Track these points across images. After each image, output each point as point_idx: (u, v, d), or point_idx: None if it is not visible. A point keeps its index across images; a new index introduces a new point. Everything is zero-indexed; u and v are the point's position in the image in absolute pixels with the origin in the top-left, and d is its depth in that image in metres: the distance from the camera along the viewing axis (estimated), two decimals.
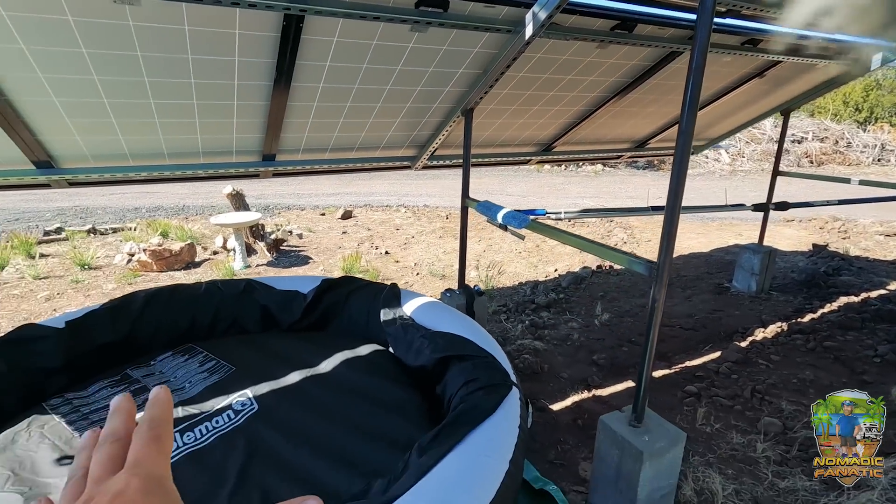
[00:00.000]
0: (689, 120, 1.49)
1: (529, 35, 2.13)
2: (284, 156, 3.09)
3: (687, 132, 1.50)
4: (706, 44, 1.42)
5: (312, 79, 2.38)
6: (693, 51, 1.44)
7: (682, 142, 1.51)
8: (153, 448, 0.31)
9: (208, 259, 5.44)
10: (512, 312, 3.92)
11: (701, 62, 1.44)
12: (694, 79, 1.45)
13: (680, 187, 1.56)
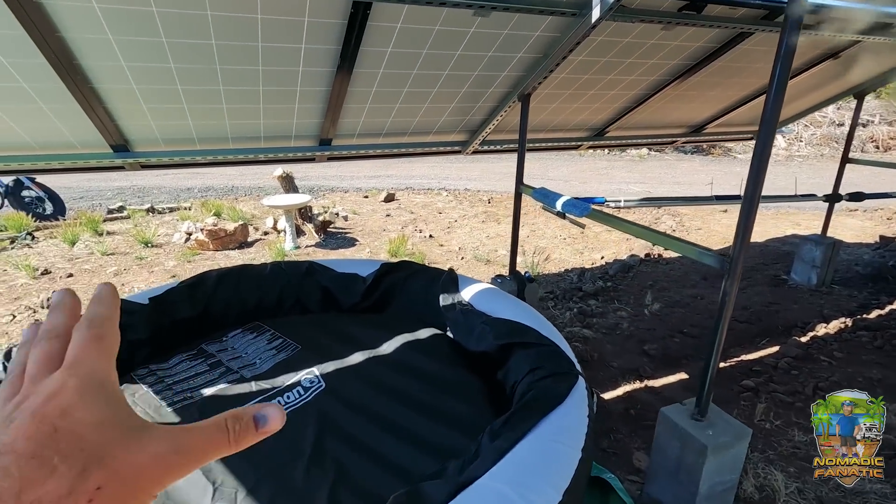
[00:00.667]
0: (775, 107, 1.43)
1: (596, 18, 2.08)
2: (340, 140, 3.15)
3: (771, 120, 1.44)
4: (798, 23, 1.35)
5: (374, 65, 2.41)
6: (783, 32, 1.37)
7: (766, 130, 1.46)
8: (93, 347, 0.29)
9: (260, 239, 5.64)
10: (559, 300, 3.91)
11: (792, 45, 1.37)
12: (782, 63, 1.39)
13: (760, 178, 1.51)
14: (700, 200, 2.67)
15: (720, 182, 10.54)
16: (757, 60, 3.32)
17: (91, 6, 1.70)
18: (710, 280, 4.46)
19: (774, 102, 1.42)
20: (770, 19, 2.72)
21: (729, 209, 7.50)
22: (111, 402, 0.28)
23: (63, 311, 0.32)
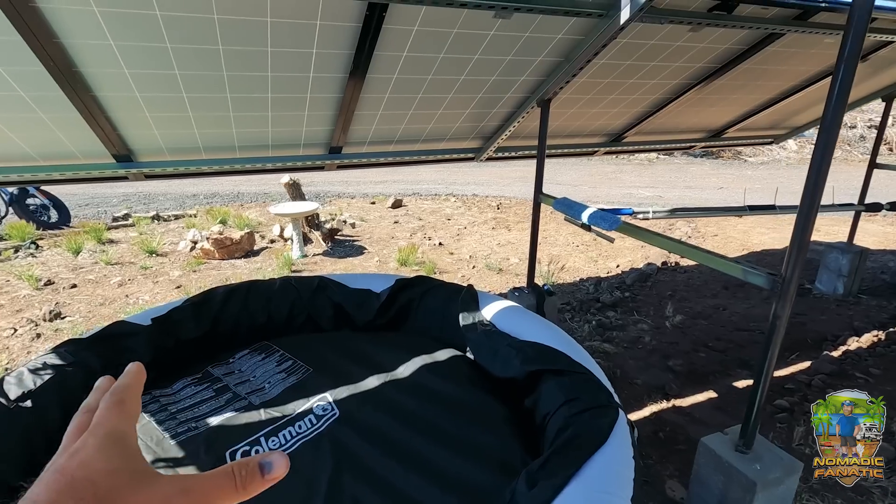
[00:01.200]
0: (836, 114, 1.30)
1: (625, 19, 1.96)
2: (350, 148, 3.04)
3: (832, 128, 1.31)
4: (865, 24, 1.22)
5: (388, 70, 2.29)
6: (846, 36, 1.24)
7: (824, 140, 1.32)
8: (114, 411, 0.32)
9: (266, 247, 5.54)
10: (576, 311, 3.77)
11: (856, 48, 1.24)
12: (846, 67, 1.26)
13: (818, 190, 1.37)
14: (732, 210, 2.54)
15: (731, 186, 10.37)
16: (783, 62, 3.18)
17: (91, 10, 1.60)
18: (731, 290, 4.31)
19: (836, 109, 1.29)
20: (803, 19, 2.59)
21: (743, 216, 7.33)
22: (126, 455, 0.30)
23: (98, 392, 0.35)
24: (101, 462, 0.29)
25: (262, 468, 0.32)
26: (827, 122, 1.31)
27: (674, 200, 8.71)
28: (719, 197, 9.06)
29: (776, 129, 4.62)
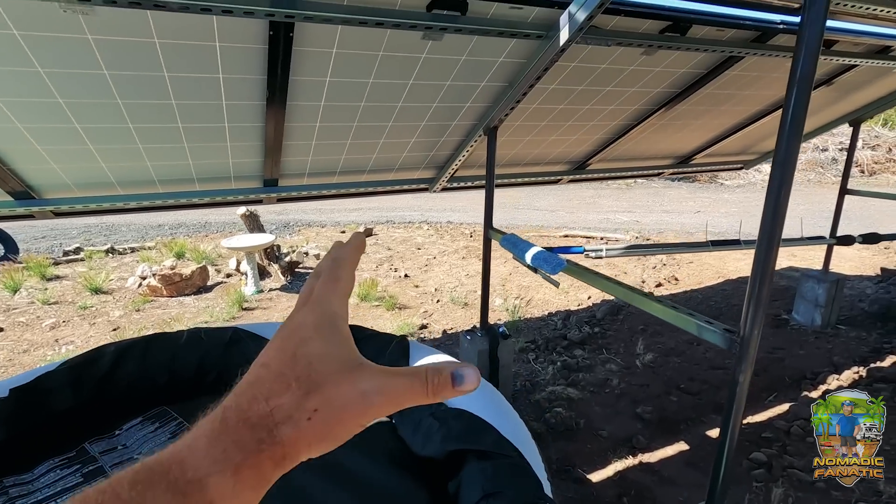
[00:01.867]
0: (791, 146, 1.10)
1: (565, 41, 1.77)
2: (288, 180, 2.80)
3: (787, 162, 1.10)
4: (816, 49, 1.03)
5: (312, 97, 2.08)
6: (797, 60, 1.04)
7: (780, 174, 1.12)
8: (330, 287, 0.35)
9: (221, 283, 5.23)
10: (541, 350, 3.52)
11: (808, 71, 1.04)
12: (797, 95, 1.06)
13: (775, 235, 1.16)
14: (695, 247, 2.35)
15: (708, 210, 10.34)
16: (747, 87, 3.05)
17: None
18: None
19: (790, 141, 1.09)
20: (762, 41, 2.45)
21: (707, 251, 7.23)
22: (338, 339, 0.32)
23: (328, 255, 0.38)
24: (318, 344, 0.31)
25: (454, 379, 0.31)
26: (780, 155, 1.10)
27: (651, 225, 8.60)
28: (696, 221, 8.98)
29: (746, 155, 4.51)
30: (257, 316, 4.29)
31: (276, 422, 0.28)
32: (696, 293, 4.84)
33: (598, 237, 7.26)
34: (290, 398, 0.29)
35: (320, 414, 0.29)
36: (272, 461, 0.28)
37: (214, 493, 0.26)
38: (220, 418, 0.29)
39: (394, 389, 0.31)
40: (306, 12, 1.51)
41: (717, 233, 7.78)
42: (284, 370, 0.30)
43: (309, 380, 0.29)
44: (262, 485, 0.28)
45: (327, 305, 0.33)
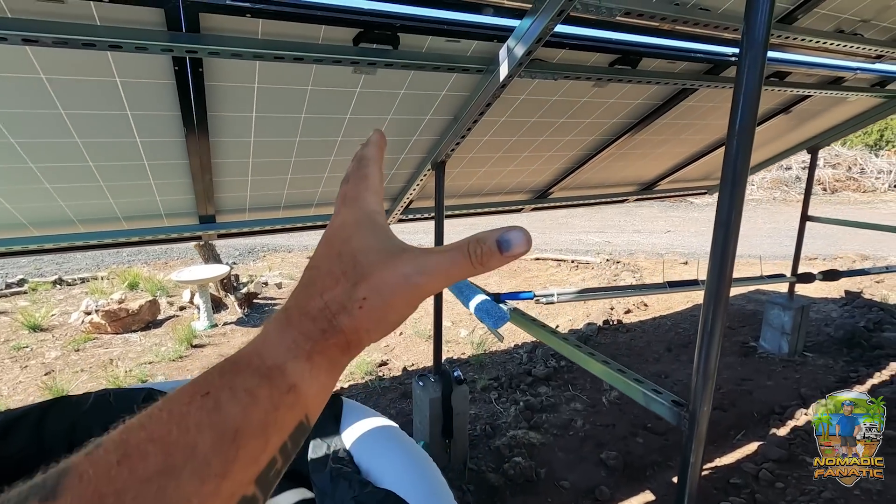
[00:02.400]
0: (735, 200, 0.98)
1: (504, 76, 1.66)
2: (227, 216, 2.62)
3: (730, 224, 0.98)
4: (756, 92, 0.92)
5: (239, 133, 1.92)
6: (737, 105, 0.93)
7: (723, 237, 0.99)
8: (362, 186, 0.37)
9: (173, 316, 4.94)
10: (504, 389, 3.35)
11: (749, 118, 0.93)
12: (739, 144, 0.94)
13: (721, 294, 1.03)
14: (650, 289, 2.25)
15: (678, 229, 10.44)
16: (704, 117, 3.01)
17: None
18: (674, 351, 4.01)
19: (734, 192, 0.97)
20: (714, 73, 2.40)
21: (689, 261, 7.24)
22: (376, 231, 0.34)
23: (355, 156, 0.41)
24: (359, 239, 0.33)
25: (500, 245, 0.30)
26: (723, 216, 0.98)
27: (622, 246, 8.60)
28: (666, 241, 9.02)
29: (709, 181, 4.50)
30: (207, 354, 4.03)
31: (332, 313, 0.31)
32: (665, 319, 4.76)
33: (570, 260, 7.20)
34: (340, 291, 0.31)
35: (370, 301, 0.31)
36: (338, 347, 0.31)
37: (293, 375, 0.29)
38: (285, 317, 0.31)
39: (435, 267, 0.31)
40: (211, 47, 1.36)
41: (686, 253, 7.80)
42: (332, 268, 0.32)
43: (355, 272, 0.31)
44: (334, 368, 0.31)
45: (363, 202, 0.35)
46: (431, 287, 0.31)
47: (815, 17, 2.06)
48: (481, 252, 0.30)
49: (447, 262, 0.31)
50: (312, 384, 0.29)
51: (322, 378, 0.30)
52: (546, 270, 6.83)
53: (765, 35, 0.89)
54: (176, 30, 1.33)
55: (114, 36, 1.25)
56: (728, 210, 0.98)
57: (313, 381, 0.29)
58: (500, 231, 0.30)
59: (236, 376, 0.28)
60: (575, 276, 6.45)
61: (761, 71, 0.92)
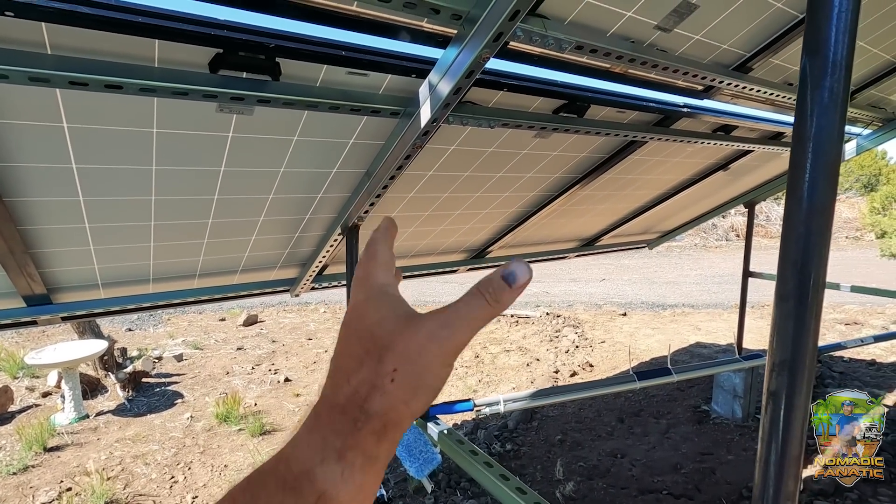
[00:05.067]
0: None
1: (427, 120, 1.25)
2: (70, 295, 2.00)
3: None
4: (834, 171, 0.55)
5: (55, 191, 1.36)
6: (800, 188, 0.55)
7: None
8: (371, 264, 0.36)
9: (31, 407, 3.96)
10: (443, 487, 2.80)
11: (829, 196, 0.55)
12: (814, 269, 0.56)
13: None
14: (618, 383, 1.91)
15: (612, 277, 10.54)
16: (648, 171, 2.79)
17: None
18: (627, 422, 3.66)
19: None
20: (665, 125, 2.16)
21: (629, 312, 7.14)
22: (390, 302, 0.33)
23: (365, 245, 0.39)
24: (373, 314, 0.33)
25: (506, 280, 0.31)
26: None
27: (560, 296, 8.44)
28: (602, 290, 9.00)
29: (648, 234, 4.36)
30: (66, 460, 3.15)
31: (363, 397, 0.29)
32: None
33: (510, 315, 6.86)
34: (367, 370, 0.30)
35: (401, 370, 0.30)
36: (374, 435, 0.29)
37: (323, 482, 0.28)
38: (314, 414, 0.30)
39: (457, 318, 0.31)
40: None
41: (623, 304, 7.73)
42: (353, 350, 0.32)
43: (377, 346, 0.31)
44: (371, 464, 0.29)
45: (372, 279, 0.35)
46: (460, 338, 0.31)
47: (769, 67, 1.87)
48: (493, 290, 0.31)
49: (466, 309, 0.31)
50: (346, 487, 0.28)
51: (357, 478, 0.28)
52: (486, 328, 6.43)
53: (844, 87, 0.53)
54: None
55: None
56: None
57: (346, 483, 0.28)
58: (503, 268, 0.31)
59: (261, 491, 0.28)
60: (515, 333, 6.09)
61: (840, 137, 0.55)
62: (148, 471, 3.00)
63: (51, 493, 2.79)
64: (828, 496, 2.67)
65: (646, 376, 1.98)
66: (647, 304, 7.65)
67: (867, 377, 4.37)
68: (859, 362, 4.78)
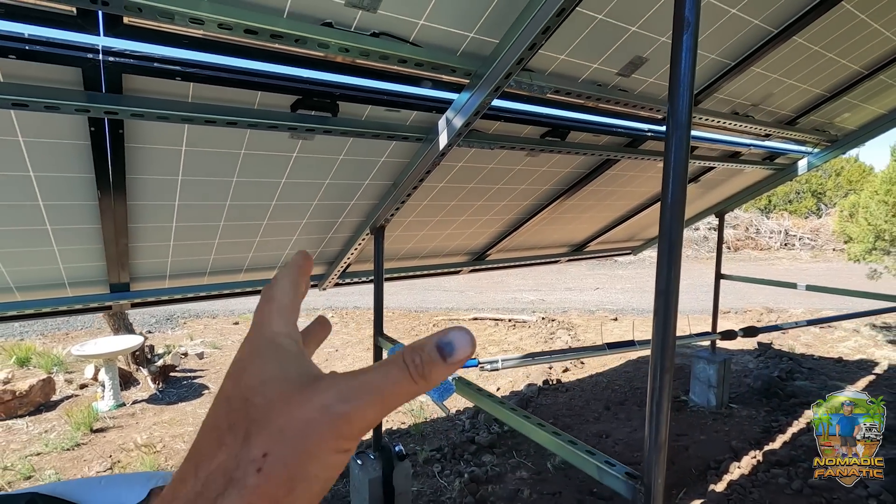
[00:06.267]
0: (672, 270, 1.01)
1: (444, 145, 1.69)
2: (143, 284, 2.39)
3: (669, 293, 1.01)
4: (684, 166, 0.98)
5: (161, 196, 1.79)
6: (667, 183, 0.99)
7: (664, 305, 1.02)
8: (265, 309, 0.29)
9: (71, 396, 4.35)
10: (447, 460, 3.19)
11: (679, 191, 0.99)
12: (672, 215, 0.99)
13: (666, 365, 1.04)
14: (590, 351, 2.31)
15: (606, 286, 10.97)
16: (626, 184, 3.24)
17: None
18: (612, 409, 4.05)
19: (670, 265, 1.01)
20: (634, 147, 2.61)
21: (619, 317, 7.56)
22: (280, 359, 0.26)
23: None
24: (254, 372, 0.25)
25: (441, 350, 0.24)
26: (662, 288, 1.01)
27: (555, 304, 8.85)
28: (596, 298, 9.42)
29: (632, 241, 4.80)
30: (111, 440, 3.54)
31: (212, 497, 0.21)
32: (601, 377, 4.85)
33: (507, 319, 7.27)
34: (224, 456, 0.22)
35: (273, 457, 0.22)
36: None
37: None
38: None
39: (365, 389, 0.24)
40: (134, 109, 1.27)
41: (615, 310, 8.15)
42: (217, 422, 0.24)
43: (248, 420, 0.23)
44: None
45: (265, 327, 0.28)
46: (363, 417, 0.23)
47: (715, 100, 2.32)
48: (421, 362, 0.24)
49: (381, 380, 0.24)
50: None
51: None
52: (484, 330, 6.83)
53: (687, 116, 0.97)
54: (95, 90, 1.24)
55: (19, 94, 1.14)
56: (667, 280, 1.01)
57: None
58: (439, 335, 0.25)
59: None
60: (513, 335, 6.49)
61: (687, 148, 0.99)
62: (187, 446, 3.39)
63: (104, 464, 3.18)
64: (783, 465, 3.08)
65: (614, 346, 2.40)
66: (637, 310, 8.07)
67: (833, 372, 4.79)
68: (828, 360, 5.20)
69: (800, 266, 14.45)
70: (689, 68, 0.95)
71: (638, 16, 1.57)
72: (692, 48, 0.95)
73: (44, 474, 3.06)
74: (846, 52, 2.22)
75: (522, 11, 1.30)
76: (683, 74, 0.96)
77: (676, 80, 0.97)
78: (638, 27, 1.62)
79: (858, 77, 2.48)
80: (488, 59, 1.45)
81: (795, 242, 16.74)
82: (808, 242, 16.78)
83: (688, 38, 0.95)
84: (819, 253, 16.17)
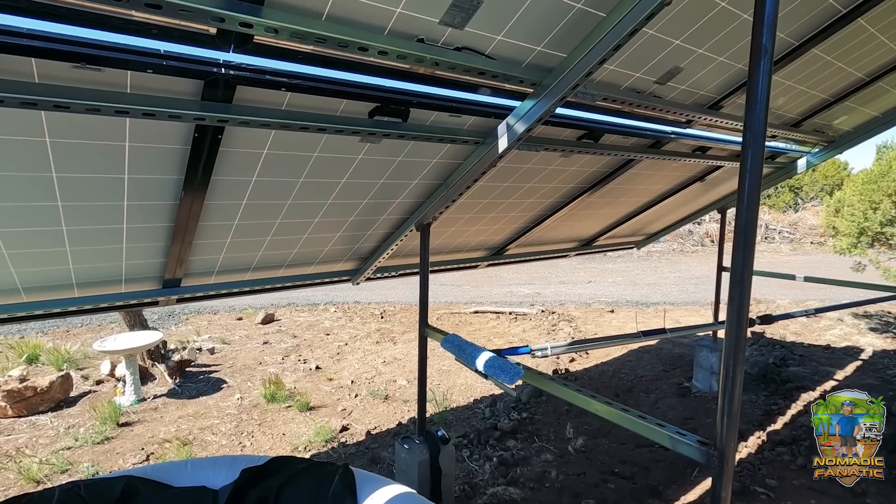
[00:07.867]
0: (746, 262, 1.16)
1: (504, 148, 1.82)
2: (192, 279, 2.48)
3: (744, 282, 1.17)
4: (758, 173, 1.13)
5: (233, 195, 1.88)
6: (743, 188, 1.14)
7: (738, 294, 1.17)
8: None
9: (89, 392, 4.37)
10: (475, 445, 3.34)
11: (754, 196, 1.14)
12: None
13: (740, 346, 1.20)
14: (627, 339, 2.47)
15: (597, 279, 11.24)
16: (640, 183, 3.41)
17: None
18: (622, 397, 4.26)
19: (745, 264, 1.16)
20: (656, 147, 2.78)
21: (616, 310, 7.80)
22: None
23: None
24: None
25: None
26: (737, 274, 1.17)
27: (552, 297, 9.07)
28: (590, 291, 9.66)
29: (636, 236, 5.00)
30: (139, 433, 3.60)
31: None
32: (606, 367, 5.05)
33: (508, 312, 7.44)
34: None
35: None
36: None
37: None
38: None
39: None
40: (243, 117, 1.38)
41: (610, 302, 8.40)
42: None
43: None
44: None
45: None
46: None
47: (733, 105, 2.49)
48: None
49: None
50: None
51: None
52: (487, 323, 6.99)
53: (762, 130, 1.12)
54: (211, 100, 1.33)
55: (148, 104, 1.23)
56: (741, 272, 1.16)
57: None
58: None
59: None
60: (515, 328, 6.67)
61: (761, 157, 1.14)
62: (217, 439, 3.47)
63: (139, 456, 3.25)
64: (786, 444, 3.31)
65: (649, 334, 2.57)
66: (631, 303, 8.32)
67: (823, 359, 5.08)
68: (817, 347, 5.50)
69: (781, 259, 14.97)
70: (766, 89, 1.10)
71: (684, 30, 1.72)
72: (768, 72, 1.10)
73: (80, 467, 3.11)
74: (853, 62, 2.41)
75: (595, 29, 1.43)
76: (760, 94, 1.11)
77: (753, 99, 1.12)
78: (681, 41, 1.77)
79: (861, 83, 2.68)
80: (555, 70, 1.58)
81: (775, 236, 17.31)
82: (787, 236, 17.37)
83: (765, 63, 1.10)
84: (798, 246, 16.76)
